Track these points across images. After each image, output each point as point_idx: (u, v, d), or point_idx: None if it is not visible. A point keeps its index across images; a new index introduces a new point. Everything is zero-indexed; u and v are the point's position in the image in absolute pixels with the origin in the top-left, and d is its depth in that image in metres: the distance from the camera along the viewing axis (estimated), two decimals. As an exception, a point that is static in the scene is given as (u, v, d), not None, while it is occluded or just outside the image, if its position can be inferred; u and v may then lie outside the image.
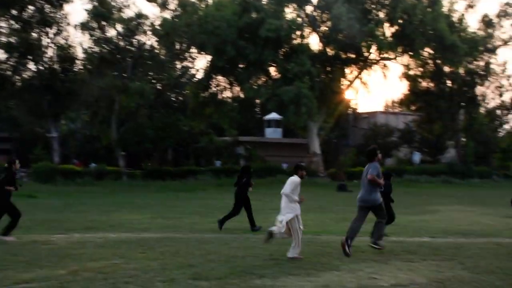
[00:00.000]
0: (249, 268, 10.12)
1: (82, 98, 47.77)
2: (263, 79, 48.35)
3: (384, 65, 50.37)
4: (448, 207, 26.16)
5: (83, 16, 48.13)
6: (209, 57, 47.25)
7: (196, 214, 19.90)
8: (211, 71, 48.24)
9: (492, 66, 57.82)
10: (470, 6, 53.22)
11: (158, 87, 55.73)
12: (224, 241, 14.09)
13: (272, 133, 61.11)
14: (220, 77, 49.46)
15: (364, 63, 49.01)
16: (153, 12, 49.74)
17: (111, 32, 46.17)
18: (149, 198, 30.08)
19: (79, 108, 51.43)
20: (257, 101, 52.50)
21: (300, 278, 9.26)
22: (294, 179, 12.11)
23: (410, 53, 49.00)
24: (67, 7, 46.18)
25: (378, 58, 49.38)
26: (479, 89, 58.93)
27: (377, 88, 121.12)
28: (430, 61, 53.83)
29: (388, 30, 47.29)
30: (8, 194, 14.38)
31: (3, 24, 44.61)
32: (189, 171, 46.39)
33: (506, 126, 63.47)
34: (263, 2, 46.17)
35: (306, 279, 9.16)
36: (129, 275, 9.54)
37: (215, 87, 50.43)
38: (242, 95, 50.42)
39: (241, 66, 46.26)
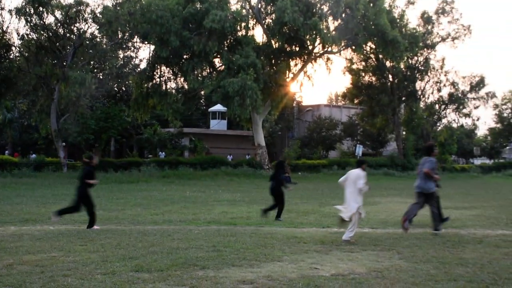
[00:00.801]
0: (191, 259, 10.20)
1: (19, 86, 46.62)
2: (207, 70, 48.31)
3: (328, 59, 50.80)
4: (388, 199, 26.62)
5: (19, 1, 46.54)
6: (152, 47, 46.98)
7: (139, 206, 19.83)
8: (154, 62, 47.94)
9: (431, 62, 58.97)
10: (411, 2, 54.19)
11: (100, 77, 55.12)
12: (167, 233, 14.20)
13: (217, 125, 61.21)
14: (164, 68, 49.22)
15: (308, 56, 49.34)
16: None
17: (49, 19, 45.03)
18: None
19: (15, 96, 50.28)
20: (202, 92, 52.35)
21: (243, 269, 9.39)
22: (361, 173, 13.35)
23: (353, 47, 49.51)
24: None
25: (322, 52, 49.74)
26: (419, 84, 60.04)
27: (321, 81, 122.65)
28: (372, 56, 54.63)
29: (332, 24, 47.69)
30: None
31: None
32: (132, 162, 46.08)
33: (444, 121, 64.73)
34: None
35: (249, 270, 9.28)
36: (68, 267, 9.50)
37: (158, 78, 50.12)
38: (186, 86, 50.37)
39: (185, 57, 46.21)
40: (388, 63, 55.62)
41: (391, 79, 58.41)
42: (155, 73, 49.51)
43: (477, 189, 35.83)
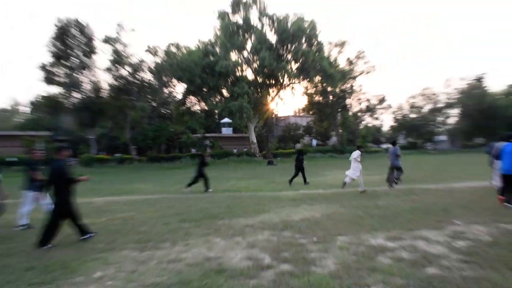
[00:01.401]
0: (214, 214, 10.38)
1: (108, 113, 46.91)
2: (218, 97, 48.21)
3: (292, 87, 50.79)
4: (333, 172, 26.76)
5: (106, 62, 46.81)
6: (184, 85, 46.97)
7: (180, 183, 19.97)
8: (186, 93, 47.98)
9: (354, 87, 59.23)
10: (341, 51, 54.20)
11: (153, 105, 55.36)
12: (199, 198, 14.10)
13: (226, 131, 61.08)
14: (192, 97, 49.19)
15: (280, 86, 49.33)
16: (150, 58, 49.04)
17: (123, 71, 45.14)
18: (151, 175, 29.85)
19: (106, 119, 50.40)
20: (216, 111, 52.23)
21: (246, 218, 9.60)
22: (358, 151, 15.05)
23: (307, 79, 49.57)
24: (95, 56, 44.68)
25: (288, 83, 49.78)
26: (348, 101, 60.15)
27: (289, 101, 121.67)
28: (319, 84, 54.61)
29: (294, 66, 47.71)
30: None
31: (60, 70, 43.47)
32: (175, 156, 45.89)
33: (364, 123, 65.10)
34: (217, 50, 46.05)
35: (249, 219, 9.52)
36: (142, 220, 9.67)
37: (189, 103, 50.28)
38: (206, 108, 50.43)
39: (204, 90, 46.15)
40: (329, 89, 55.76)
41: (331, 98, 58.61)
42: (186, 100, 49.55)
43: (383, 164, 35.96)
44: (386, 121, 70.85)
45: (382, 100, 62.54)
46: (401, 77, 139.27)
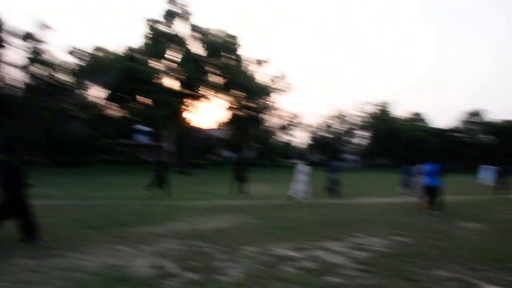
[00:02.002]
0: (121, 221, 10.14)
1: (17, 113, 43.40)
2: (138, 105, 47.11)
3: (213, 100, 50.98)
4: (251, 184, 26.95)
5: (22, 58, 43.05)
6: (104, 89, 45.26)
7: (88, 189, 18.78)
8: (105, 98, 46.35)
9: (271, 103, 60.54)
10: (261, 68, 55.32)
11: (69, 107, 52.37)
12: (106, 206, 13.48)
13: (143, 139, 59.45)
14: (110, 102, 47.51)
15: (201, 98, 49.31)
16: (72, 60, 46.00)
17: (40, 70, 42.02)
18: (59, 179, 28.01)
19: (14, 119, 46.52)
20: (134, 118, 50.79)
21: (153, 227, 9.31)
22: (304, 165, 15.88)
23: (228, 93, 50.03)
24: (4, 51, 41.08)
25: (210, 95, 49.90)
26: (264, 116, 61.34)
27: (209, 113, 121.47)
28: (239, 98, 55.26)
29: (216, 79, 47.97)
30: None
31: None
32: (87, 161, 43.68)
33: (276, 137, 66.62)
34: (142, 56, 45.12)
35: (157, 227, 9.25)
36: (42, 227, 8.95)
37: (107, 109, 48.51)
38: (125, 114, 49.00)
39: (124, 96, 45.03)
40: (247, 103, 56.55)
41: (248, 113, 59.41)
42: (105, 105, 47.82)
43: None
44: (299, 137, 74.67)
45: (295, 117, 64.65)
46: (316, 97, 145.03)
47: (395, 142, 66.81)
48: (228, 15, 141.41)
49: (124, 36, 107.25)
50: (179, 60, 45.32)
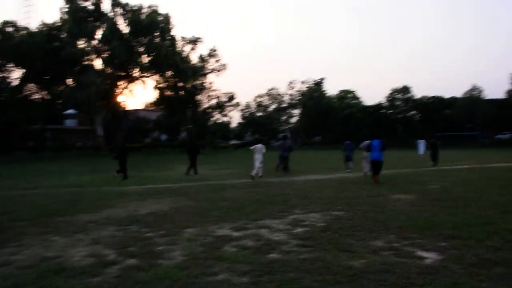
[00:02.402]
0: (53, 210, 9.60)
1: None
2: (63, 86, 44.85)
3: (143, 80, 49.74)
4: (182, 166, 26.77)
5: None
6: (23, 70, 42.49)
7: (10, 178, 17.77)
8: (24, 79, 43.48)
9: (205, 84, 60.09)
10: (194, 48, 54.56)
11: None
12: (36, 195, 12.76)
13: (70, 123, 56.73)
14: (31, 84, 44.74)
15: (131, 78, 47.89)
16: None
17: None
18: None
19: None
20: (59, 101, 48.37)
21: (89, 215, 9.09)
22: (261, 145, 17.46)
23: (159, 73, 48.94)
24: None
25: (139, 76, 48.54)
26: (198, 97, 60.77)
27: (140, 94, 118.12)
28: (171, 79, 54.24)
29: (145, 59, 46.70)
30: None
31: None
32: (9, 148, 41.20)
33: (213, 119, 66.28)
34: (63, 34, 42.75)
35: (93, 215, 9.06)
36: None
37: (28, 91, 45.58)
38: (48, 97, 46.39)
39: (47, 77, 42.58)
40: (180, 84, 55.71)
41: (182, 94, 58.58)
42: (24, 87, 44.91)
43: (231, 158, 37.30)
44: (234, 118, 74.74)
45: (231, 98, 64.52)
46: (251, 76, 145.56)
47: (328, 119, 68.78)
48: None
49: (37, 9, 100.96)
50: (106, 39, 43.49)
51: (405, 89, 74.66)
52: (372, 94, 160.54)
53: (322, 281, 4.51)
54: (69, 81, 45.33)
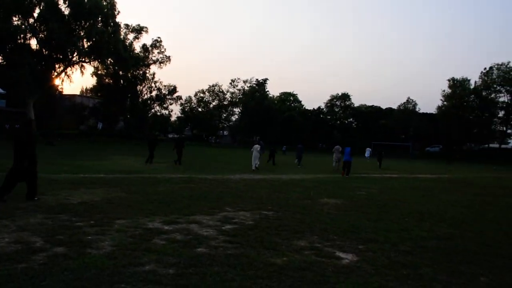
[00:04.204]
0: None
1: None
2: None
3: (82, 66, 48.01)
4: (118, 157, 26.27)
5: None
6: None
7: None
8: None
9: (147, 75, 59.14)
10: (138, 37, 53.48)
11: None
12: None
13: (-1, 103, 53.55)
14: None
15: (68, 63, 46.06)
16: None
17: None
18: None
19: None
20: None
21: (17, 202, 8.81)
22: (258, 145, 22.80)
23: (99, 60, 47.50)
24: None
25: (78, 61, 46.83)
26: (139, 87, 59.70)
27: (77, 79, 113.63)
28: (111, 67, 52.81)
29: (86, 44, 45.16)
30: None
31: None
32: None
33: (153, 111, 65.33)
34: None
35: (24, 202, 8.65)
36: None
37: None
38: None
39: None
40: (120, 73, 54.48)
41: (122, 83, 57.29)
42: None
43: (168, 152, 36.80)
44: (175, 111, 73.93)
45: (173, 91, 63.85)
46: (192, 71, 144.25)
47: (268, 120, 69.77)
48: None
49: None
50: (44, 18, 41.58)
51: (345, 97, 77.33)
52: (313, 99, 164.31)
53: (244, 275, 4.81)
54: (0, 59, 42.97)
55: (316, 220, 8.50)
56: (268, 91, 76.46)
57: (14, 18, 41.72)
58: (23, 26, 42.15)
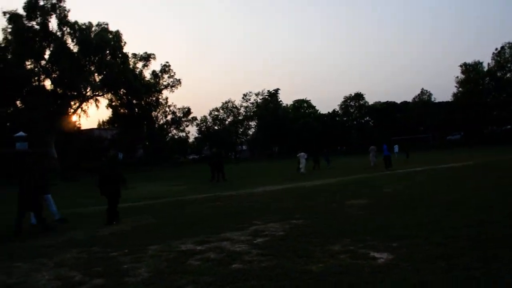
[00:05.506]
0: (7, 236, 9.26)
1: None
2: (11, 108, 43.47)
3: (96, 99, 48.89)
4: (141, 184, 26.51)
5: None
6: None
7: None
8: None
9: (160, 100, 59.86)
10: (146, 64, 54.31)
11: None
12: None
13: (20, 146, 54.73)
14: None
15: (82, 98, 46.95)
16: None
17: None
18: None
19: None
20: (7, 124, 46.74)
21: (48, 239, 9.07)
22: (303, 153, 26.37)
23: (112, 92, 48.34)
24: None
25: (91, 95, 47.70)
26: (153, 113, 60.39)
27: (93, 113, 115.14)
28: (124, 97, 53.64)
29: (97, 77, 46.04)
30: None
31: None
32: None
33: (170, 134, 65.90)
34: (8, 55, 41.53)
35: (52, 239, 8.85)
36: None
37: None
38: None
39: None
40: (134, 101, 55.28)
41: (137, 111, 58.06)
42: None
43: (190, 173, 37.21)
44: (192, 132, 74.33)
45: (187, 113, 64.41)
46: (206, 90, 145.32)
47: (284, 130, 69.75)
48: (110, 10, 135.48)
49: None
50: (55, 58, 42.56)
51: (358, 96, 76.94)
52: (327, 103, 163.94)
53: (281, 286, 4.81)
54: (18, 103, 44.01)
55: (346, 223, 8.46)
56: (280, 100, 76.59)
57: (27, 62, 42.81)
58: (36, 69, 43.25)
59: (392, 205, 10.43)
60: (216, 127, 76.03)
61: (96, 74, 45.75)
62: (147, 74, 55.41)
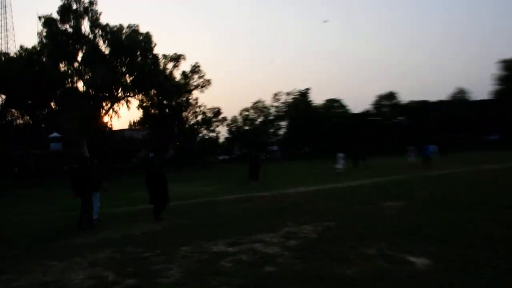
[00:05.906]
0: (45, 236, 9.78)
1: None
2: (46, 110, 44.70)
3: (128, 100, 49.67)
4: (171, 184, 26.64)
5: None
6: (3, 96, 42.61)
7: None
8: (6, 105, 43.51)
9: (190, 100, 60.40)
10: (176, 65, 54.82)
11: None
12: (16, 223, 12.77)
13: (55, 146, 56.40)
14: (13, 110, 44.76)
15: (114, 99, 47.79)
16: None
17: None
18: None
19: None
20: (43, 125, 48.15)
21: (83, 238, 9.08)
22: (341, 154, 26.05)
23: (143, 92, 49.03)
24: None
25: (123, 96, 48.52)
26: (184, 114, 60.99)
27: (124, 114, 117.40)
28: (155, 97, 54.33)
29: (128, 79, 46.78)
30: None
31: None
32: None
33: (200, 135, 66.37)
34: (43, 59, 42.79)
35: (87, 238, 9.01)
36: None
37: (10, 116, 45.61)
38: (31, 122, 46.29)
39: (29, 102, 42.49)
40: (165, 102, 55.92)
41: (167, 111, 58.76)
42: (7, 113, 44.93)
43: (221, 173, 37.30)
44: (222, 133, 74.64)
45: (217, 113, 64.74)
46: (236, 90, 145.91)
47: (315, 129, 69.25)
48: (140, 11, 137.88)
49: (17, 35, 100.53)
50: (87, 61, 43.55)
51: (391, 95, 75.67)
52: (360, 102, 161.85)
53: (316, 290, 4.76)
54: (52, 105, 45.20)
55: (381, 225, 8.32)
56: (311, 100, 76.09)
57: (61, 65, 43.94)
58: (69, 71, 44.36)
59: (428, 207, 10.20)
60: (246, 127, 76.16)
61: (127, 75, 46.46)
62: (177, 74, 55.95)
